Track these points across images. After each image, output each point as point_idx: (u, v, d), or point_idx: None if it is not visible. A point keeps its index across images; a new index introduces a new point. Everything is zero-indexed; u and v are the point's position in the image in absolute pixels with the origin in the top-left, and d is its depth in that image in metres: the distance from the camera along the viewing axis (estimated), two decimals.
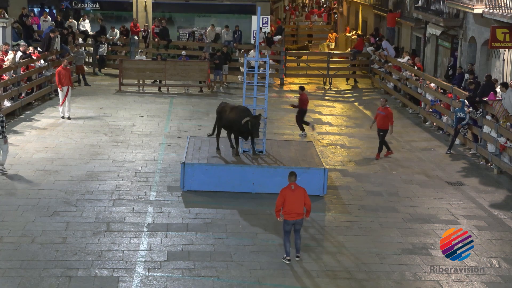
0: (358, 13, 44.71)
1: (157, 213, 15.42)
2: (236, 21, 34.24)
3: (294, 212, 12.98)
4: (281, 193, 13.10)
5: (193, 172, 16.80)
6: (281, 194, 13.07)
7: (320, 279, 12.62)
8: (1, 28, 26.94)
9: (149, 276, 12.42)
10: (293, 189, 13.08)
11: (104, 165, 18.61)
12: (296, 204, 13.01)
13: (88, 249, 13.36)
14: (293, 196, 13.01)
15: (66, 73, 23.71)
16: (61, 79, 23.47)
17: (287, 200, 12.97)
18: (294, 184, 13.14)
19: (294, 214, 13.00)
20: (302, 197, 13.08)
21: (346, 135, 23.53)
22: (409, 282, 12.69)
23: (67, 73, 23.75)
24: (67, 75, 23.68)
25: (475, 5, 23.78)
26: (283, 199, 12.99)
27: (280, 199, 13.02)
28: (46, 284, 11.90)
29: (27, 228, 14.17)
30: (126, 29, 33.44)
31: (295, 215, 13.02)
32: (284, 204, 12.99)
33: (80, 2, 35.61)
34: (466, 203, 17.04)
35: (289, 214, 13.00)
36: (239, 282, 12.37)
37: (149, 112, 25.27)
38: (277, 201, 13.10)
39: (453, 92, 23.30)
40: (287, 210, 12.99)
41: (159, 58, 30.14)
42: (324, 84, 33.11)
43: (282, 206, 13.01)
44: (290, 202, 12.98)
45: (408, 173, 19.36)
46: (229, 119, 17.45)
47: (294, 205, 13.00)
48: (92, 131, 22.15)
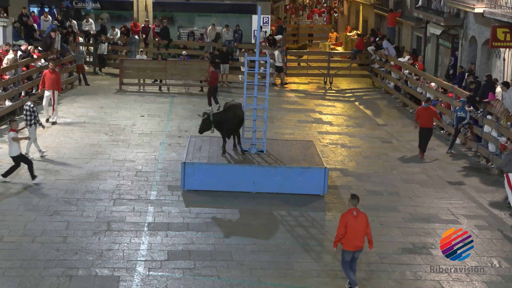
0: (359, 12, 44.72)
1: (158, 213, 15.42)
2: (237, 21, 34.24)
3: (356, 241, 11.77)
4: (341, 219, 11.80)
5: (193, 172, 16.80)
6: (342, 221, 11.76)
7: (321, 279, 12.63)
8: (1, 27, 26.95)
9: (149, 276, 12.42)
10: (355, 215, 11.80)
11: (104, 165, 18.62)
12: (359, 233, 11.77)
13: (88, 248, 13.37)
14: (356, 223, 11.73)
15: (54, 76, 22.93)
16: (46, 82, 22.79)
17: (349, 228, 11.66)
18: (356, 210, 11.87)
19: (357, 243, 11.79)
20: (364, 225, 11.80)
21: (347, 135, 23.53)
22: (409, 282, 12.69)
23: (54, 76, 22.94)
24: (53, 79, 22.86)
25: (475, 4, 23.77)
26: (345, 226, 11.71)
27: (342, 226, 11.71)
28: (47, 284, 11.90)
29: (27, 228, 14.17)
30: (126, 29, 33.44)
31: (358, 246, 11.83)
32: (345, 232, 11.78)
33: (81, 1, 35.62)
34: (466, 203, 17.05)
35: (350, 243, 11.76)
36: (240, 282, 12.37)
37: (150, 111, 25.28)
38: (338, 228, 11.81)
39: (454, 91, 23.30)
40: (348, 239, 11.73)
41: (160, 57, 30.15)
42: (324, 84, 33.10)
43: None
44: (353, 231, 11.69)
45: (409, 172, 19.35)
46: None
47: (357, 233, 11.75)
48: (93, 130, 22.15)
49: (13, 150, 16.81)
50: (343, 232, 11.71)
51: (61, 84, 27.47)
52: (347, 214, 11.82)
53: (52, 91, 22.91)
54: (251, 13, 33.79)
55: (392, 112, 27.52)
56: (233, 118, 17.36)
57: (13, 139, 16.73)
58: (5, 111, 22.88)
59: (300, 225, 15.19)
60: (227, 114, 17.45)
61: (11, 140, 16.76)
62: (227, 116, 17.39)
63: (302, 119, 25.55)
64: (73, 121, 23.20)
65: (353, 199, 12.00)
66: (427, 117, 20.79)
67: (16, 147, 16.80)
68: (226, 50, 31.43)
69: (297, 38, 45.55)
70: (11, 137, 16.73)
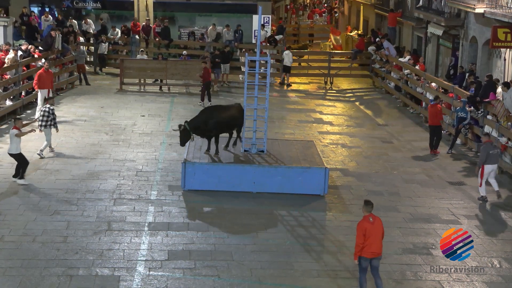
0: (359, 12, 44.71)
1: (158, 212, 15.42)
2: (237, 21, 34.24)
3: (373, 247, 11.48)
4: (359, 228, 11.52)
5: (194, 172, 16.80)
6: (359, 230, 11.49)
7: (321, 279, 12.62)
8: (2, 27, 26.96)
9: (149, 275, 12.42)
10: (371, 221, 11.56)
11: (105, 164, 18.62)
12: (377, 239, 11.50)
13: (89, 248, 13.37)
14: (373, 229, 11.47)
15: (47, 76, 23.18)
16: (40, 81, 22.93)
17: (368, 235, 11.41)
18: (371, 216, 11.62)
19: (374, 249, 11.50)
20: (381, 230, 11.58)
21: (347, 135, 23.53)
22: (410, 282, 12.69)
23: (48, 76, 23.21)
24: (48, 78, 23.15)
25: (476, 4, 23.76)
26: (363, 235, 11.42)
27: (360, 235, 11.43)
28: (47, 283, 11.90)
29: (28, 227, 14.18)
30: (127, 29, 33.44)
31: (375, 253, 11.56)
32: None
33: (82, 1, 35.62)
34: (467, 203, 17.04)
35: (367, 250, 11.48)
36: (240, 282, 12.37)
37: (150, 111, 25.28)
38: (357, 238, 11.50)
39: (454, 91, 23.29)
40: (366, 246, 11.46)
41: (160, 57, 30.16)
42: (325, 84, 33.09)
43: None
44: (371, 238, 11.43)
45: (409, 172, 19.35)
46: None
47: (375, 240, 11.48)
48: (93, 130, 22.16)
49: (13, 147, 16.75)
50: (363, 241, 11.40)
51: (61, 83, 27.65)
52: (363, 222, 11.51)
53: (48, 90, 23.13)
54: (251, 13, 33.78)
55: (392, 112, 27.52)
56: (205, 121, 17.39)
57: (16, 135, 16.66)
58: (6, 111, 22.89)
59: (301, 225, 15.19)
60: (200, 118, 17.52)
61: (13, 138, 16.71)
62: (201, 120, 17.44)
63: (303, 119, 25.54)
64: (73, 120, 23.19)
65: (367, 205, 11.68)
66: (433, 115, 21.35)
67: (16, 146, 16.75)
68: (227, 50, 31.42)
69: (297, 38, 45.53)
70: (14, 134, 16.66)
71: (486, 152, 16.93)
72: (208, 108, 18.39)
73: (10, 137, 16.92)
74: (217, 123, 17.43)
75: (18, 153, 16.81)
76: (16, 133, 16.69)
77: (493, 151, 17.11)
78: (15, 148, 16.75)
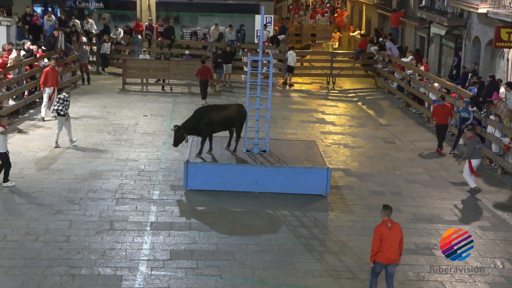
0: (362, 12, 44.69)
1: (160, 212, 15.43)
2: (240, 21, 34.24)
3: (389, 253, 11.31)
4: (376, 231, 11.35)
5: (196, 171, 16.80)
6: (376, 233, 11.32)
7: (323, 279, 12.62)
8: (5, 27, 26.99)
9: (152, 275, 12.43)
10: (389, 226, 11.34)
11: (107, 164, 18.63)
12: (393, 245, 11.29)
13: (91, 247, 13.38)
14: (391, 235, 11.27)
15: (54, 74, 23.37)
16: (47, 79, 23.10)
17: (384, 240, 11.23)
18: (390, 221, 11.41)
19: (389, 255, 11.34)
20: (399, 237, 11.36)
21: (350, 135, 23.52)
22: (412, 282, 12.67)
23: (54, 74, 23.42)
24: (54, 76, 23.36)
25: (479, 4, 23.73)
26: (380, 239, 11.27)
27: (376, 239, 11.28)
28: (50, 283, 11.91)
29: (30, 227, 14.19)
30: (129, 28, 33.46)
31: (390, 259, 11.38)
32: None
33: (84, 1, 35.66)
34: (469, 203, 17.01)
35: (382, 255, 11.33)
36: (242, 282, 12.37)
37: (153, 111, 25.29)
38: (373, 241, 11.35)
39: (457, 92, 23.26)
40: (381, 251, 11.31)
41: (163, 57, 30.18)
42: (327, 84, 33.08)
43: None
44: (387, 243, 11.24)
45: (412, 173, 19.33)
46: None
47: (391, 246, 11.28)
48: (96, 130, 22.17)
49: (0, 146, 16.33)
50: (378, 245, 11.26)
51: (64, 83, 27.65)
52: (381, 226, 11.34)
53: (54, 88, 23.27)
54: (254, 13, 33.76)
55: (395, 112, 27.50)
56: (198, 121, 17.43)
57: (1, 133, 16.20)
58: (9, 110, 22.89)
59: (303, 225, 15.19)
60: (193, 119, 17.57)
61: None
62: (193, 120, 17.48)
63: (305, 119, 25.54)
64: (76, 120, 23.19)
65: (386, 209, 11.49)
66: (444, 114, 21.50)
67: (2, 144, 16.29)
68: (230, 50, 31.43)
69: (300, 38, 45.52)
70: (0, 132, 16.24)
71: (473, 147, 17.30)
72: (201, 108, 18.44)
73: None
74: (208, 124, 17.41)
75: (4, 152, 16.36)
76: (1, 130, 16.24)
77: (478, 145, 17.57)
78: (1, 147, 16.26)
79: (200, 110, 18.16)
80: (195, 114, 17.81)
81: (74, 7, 35.67)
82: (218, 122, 17.54)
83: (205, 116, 17.53)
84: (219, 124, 17.58)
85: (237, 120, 17.72)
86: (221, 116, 17.59)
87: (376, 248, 11.30)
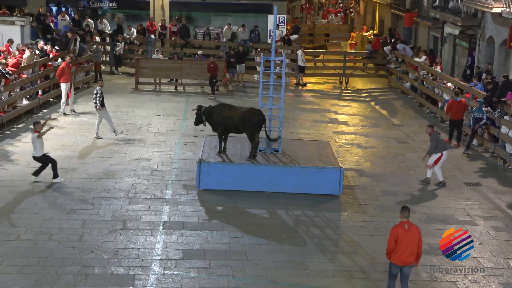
0: (375, 12, 44.56)
1: (173, 212, 15.46)
2: (253, 20, 34.25)
3: (405, 255, 11.28)
4: (392, 232, 11.34)
5: (209, 171, 16.82)
6: (392, 234, 11.31)
7: (336, 279, 12.60)
8: (19, 26, 27.15)
9: (164, 275, 12.45)
10: (406, 228, 11.29)
11: (120, 164, 18.69)
12: (409, 248, 11.25)
13: (104, 247, 13.43)
14: (407, 237, 11.23)
15: (69, 70, 24.18)
16: (63, 74, 23.76)
17: (400, 242, 11.20)
18: (408, 223, 11.35)
19: (405, 258, 11.30)
20: (416, 239, 11.28)
21: (362, 135, 23.46)
22: (425, 283, 12.63)
23: (69, 70, 24.25)
24: (69, 72, 24.19)
25: (493, 4, 23.61)
26: (395, 240, 11.24)
27: (392, 240, 11.28)
28: (63, 282, 11.97)
29: (44, 226, 14.27)
30: (143, 28, 33.55)
31: (406, 261, 11.33)
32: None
33: (98, 1, 35.78)
34: (483, 204, 16.94)
35: (398, 257, 11.33)
36: (254, 281, 12.37)
37: (166, 110, 25.35)
38: (388, 241, 11.37)
39: (471, 92, 23.15)
40: (397, 252, 11.29)
41: (176, 57, 30.24)
42: (340, 84, 33.02)
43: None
44: (403, 245, 11.21)
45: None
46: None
47: (407, 248, 11.25)
48: (109, 129, 22.21)
49: (36, 151, 16.88)
50: (393, 246, 11.26)
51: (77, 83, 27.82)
52: (398, 228, 11.32)
53: (70, 83, 24.06)
54: (267, 12, 33.75)
55: (408, 112, 27.40)
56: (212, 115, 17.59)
57: (38, 137, 16.78)
58: (22, 110, 23.04)
59: (315, 225, 15.17)
60: (211, 109, 17.80)
61: (35, 141, 16.78)
62: (211, 110, 17.73)
63: (318, 119, 25.50)
64: (89, 120, 23.28)
65: (404, 211, 11.42)
66: (460, 110, 22.17)
67: (39, 148, 16.85)
68: (243, 50, 31.43)
69: (313, 38, 45.45)
70: (36, 136, 16.75)
71: (436, 139, 17.82)
72: (221, 104, 18.50)
73: (32, 141, 16.89)
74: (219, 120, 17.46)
75: (42, 155, 16.94)
76: (37, 135, 16.79)
77: (441, 138, 18.39)
78: (38, 152, 16.87)
79: (219, 105, 18.26)
80: (216, 106, 17.98)
81: (87, 7, 35.81)
82: (226, 122, 17.45)
83: (218, 111, 17.54)
84: (227, 123, 17.47)
85: (243, 125, 17.28)
86: (227, 116, 17.43)
87: (391, 248, 11.30)
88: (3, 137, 20.76)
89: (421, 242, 11.45)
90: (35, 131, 16.99)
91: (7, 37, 26.28)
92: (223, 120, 17.40)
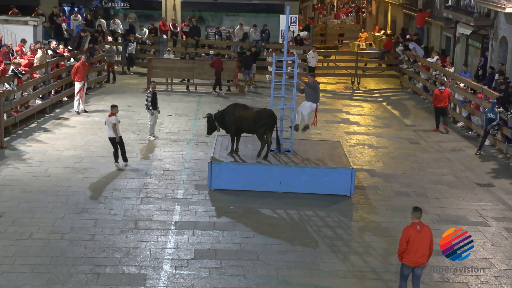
0: (387, 12, 44.45)
1: (185, 212, 15.48)
2: (264, 20, 34.24)
3: (417, 256, 11.25)
4: (404, 233, 11.29)
5: (220, 171, 16.83)
6: (404, 234, 11.26)
7: (347, 280, 12.57)
8: (32, 26, 27.28)
9: (176, 274, 12.47)
10: (418, 229, 11.24)
11: (132, 163, 18.73)
12: (421, 249, 11.21)
13: (116, 246, 13.47)
14: (419, 238, 11.18)
15: (84, 69, 24.52)
16: (77, 73, 24.06)
17: (411, 243, 11.16)
18: (419, 223, 11.30)
19: (417, 259, 11.27)
20: (428, 240, 11.24)
21: (374, 135, 23.40)
22: (437, 284, 12.58)
23: (84, 69, 24.59)
24: (84, 71, 24.51)
25: (506, 4, 23.48)
26: (407, 241, 11.20)
27: (403, 241, 11.24)
28: (75, 280, 12.01)
29: (56, 225, 14.33)
30: (154, 28, 33.63)
31: (418, 262, 11.31)
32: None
33: (110, 1, 35.89)
34: (495, 205, 16.85)
35: (410, 258, 11.29)
36: (266, 281, 12.36)
37: (177, 110, 25.38)
38: (400, 242, 11.33)
39: (483, 92, 23.03)
40: (409, 253, 11.25)
41: (187, 57, 30.28)
42: (352, 84, 32.96)
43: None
44: (414, 246, 11.18)
45: (437, 173, 19.19)
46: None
47: (419, 249, 11.21)
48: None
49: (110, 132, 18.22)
50: (405, 246, 11.22)
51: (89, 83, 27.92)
52: (409, 228, 11.25)
53: (84, 82, 24.37)
54: (279, 12, 33.72)
55: (420, 113, 27.31)
56: (224, 116, 17.58)
57: (113, 127, 17.96)
58: (35, 110, 23.14)
59: (327, 225, 15.15)
60: (223, 112, 17.80)
61: (110, 124, 18.05)
62: (223, 113, 17.74)
63: (329, 119, 25.45)
64: (101, 119, 23.30)
65: (416, 211, 11.33)
66: (443, 98, 23.72)
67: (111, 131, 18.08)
68: (255, 50, 31.42)
69: (325, 38, 45.37)
70: (112, 122, 17.95)
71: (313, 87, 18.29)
72: (233, 104, 18.36)
73: (107, 123, 18.15)
74: (232, 121, 17.42)
75: (113, 138, 18.13)
76: (114, 122, 17.93)
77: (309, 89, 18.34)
78: (110, 133, 18.14)
79: (231, 106, 18.11)
80: (226, 108, 17.91)
81: (100, 7, 35.93)
82: (239, 122, 17.45)
83: (230, 113, 17.53)
84: (241, 124, 17.46)
85: (254, 125, 17.25)
86: (240, 116, 17.41)
87: (403, 249, 11.26)
88: (15, 136, 20.87)
89: (433, 243, 11.40)
90: (110, 114, 18.06)
91: (20, 37, 26.42)
92: (236, 120, 17.39)
